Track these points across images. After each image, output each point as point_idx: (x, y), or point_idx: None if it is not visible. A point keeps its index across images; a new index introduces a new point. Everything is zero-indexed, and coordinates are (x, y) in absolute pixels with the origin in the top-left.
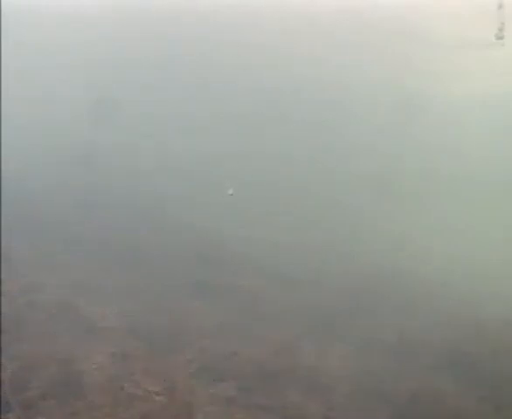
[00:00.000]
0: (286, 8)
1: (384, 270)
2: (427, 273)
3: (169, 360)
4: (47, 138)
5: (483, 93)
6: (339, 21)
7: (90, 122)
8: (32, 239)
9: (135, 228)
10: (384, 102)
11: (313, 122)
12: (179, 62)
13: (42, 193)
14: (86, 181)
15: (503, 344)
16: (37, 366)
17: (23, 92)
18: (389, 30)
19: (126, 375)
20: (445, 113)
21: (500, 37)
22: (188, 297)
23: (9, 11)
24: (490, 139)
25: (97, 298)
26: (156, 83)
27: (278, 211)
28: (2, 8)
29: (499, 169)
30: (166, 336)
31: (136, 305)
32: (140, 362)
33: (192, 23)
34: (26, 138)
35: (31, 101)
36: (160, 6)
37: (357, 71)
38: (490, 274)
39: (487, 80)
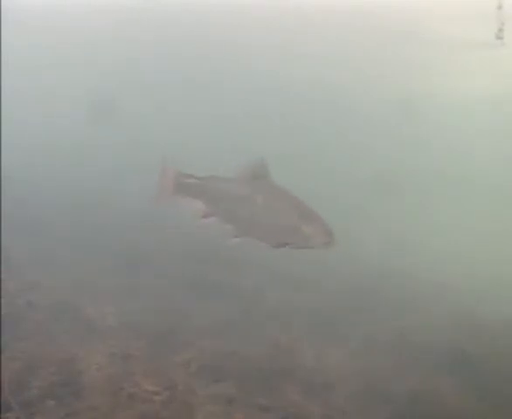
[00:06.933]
0: (285, 8)
1: (383, 270)
2: (427, 273)
3: (169, 360)
4: (47, 138)
5: (483, 93)
6: (339, 21)
7: (90, 122)
8: (32, 239)
9: (135, 228)
10: (384, 102)
11: (312, 122)
12: (179, 61)
13: (42, 193)
14: (85, 181)
15: (503, 344)
16: (37, 366)
17: (23, 92)
18: (389, 30)
19: (126, 375)
20: (445, 113)
21: (500, 37)
22: (188, 297)
23: (9, 11)
24: (490, 138)
25: (97, 298)
26: (156, 82)
27: None
28: (2, 8)
29: (499, 169)
30: (166, 336)
31: (136, 305)
32: (140, 362)
33: (192, 23)
34: (26, 138)
35: (30, 101)
36: (160, 6)
37: (358, 71)
38: (490, 274)
39: (487, 80)
